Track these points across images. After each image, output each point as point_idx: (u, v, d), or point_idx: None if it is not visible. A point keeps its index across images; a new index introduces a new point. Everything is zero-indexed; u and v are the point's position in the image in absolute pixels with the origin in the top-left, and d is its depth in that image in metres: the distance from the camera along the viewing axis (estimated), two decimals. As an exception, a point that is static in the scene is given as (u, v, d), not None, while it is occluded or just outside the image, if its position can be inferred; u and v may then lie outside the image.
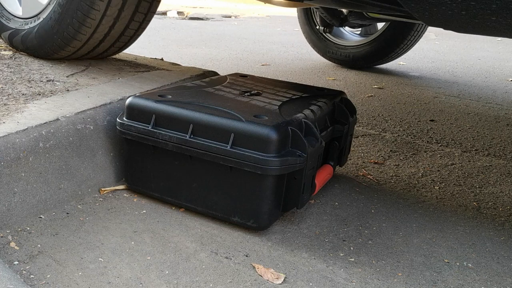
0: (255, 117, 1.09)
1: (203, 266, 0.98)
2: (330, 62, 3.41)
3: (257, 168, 1.04)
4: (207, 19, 5.66)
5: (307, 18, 3.40)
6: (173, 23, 4.15)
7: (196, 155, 1.10)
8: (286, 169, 1.05)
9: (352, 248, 1.09)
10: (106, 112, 1.28)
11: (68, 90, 1.39)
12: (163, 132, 1.13)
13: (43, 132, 1.11)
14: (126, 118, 1.19)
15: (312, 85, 1.77)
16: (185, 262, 0.98)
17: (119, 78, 1.57)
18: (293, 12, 7.80)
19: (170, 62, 1.99)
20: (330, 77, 2.99)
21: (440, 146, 1.84)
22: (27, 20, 1.73)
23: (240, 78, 1.52)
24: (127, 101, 1.19)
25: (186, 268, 0.97)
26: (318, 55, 3.48)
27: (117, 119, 1.21)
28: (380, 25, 3.25)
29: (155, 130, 1.14)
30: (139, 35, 1.82)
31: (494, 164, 1.67)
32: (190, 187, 1.15)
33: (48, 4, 1.65)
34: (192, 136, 1.10)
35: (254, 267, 0.98)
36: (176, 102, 1.16)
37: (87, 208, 1.15)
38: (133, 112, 1.17)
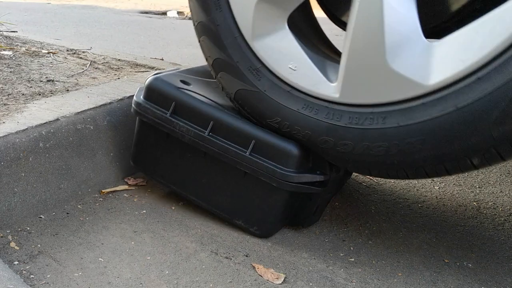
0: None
1: (203, 266, 0.98)
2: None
3: (273, 180, 1.02)
4: (207, 19, 5.63)
5: None
6: (173, 23, 4.15)
7: (212, 153, 1.07)
8: (303, 188, 1.03)
9: (352, 248, 1.09)
10: (106, 112, 1.28)
11: (68, 90, 1.39)
12: (181, 123, 1.09)
13: (43, 132, 1.11)
14: (144, 98, 1.13)
15: None
16: (185, 262, 0.99)
17: (119, 78, 1.57)
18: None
19: (170, 62, 1.99)
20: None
21: (440, 146, 1.83)
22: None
23: None
24: (148, 80, 1.13)
25: (186, 268, 0.97)
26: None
27: (134, 98, 1.15)
28: None
29: (173, 119, 1.10)
30: None
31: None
32: (198, 182, 1.13)
33: None
34: (210, 133, 1.07)
35: (254, 267, 0.99)
36: (198, 94, 1.12)
37: (87, 208, 1.15)
38: (153, 94, 1.12)
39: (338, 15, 1.29)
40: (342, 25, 1.31)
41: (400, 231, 1.18)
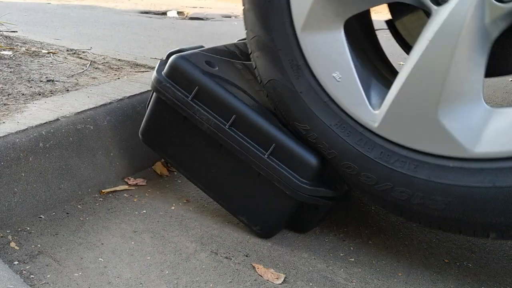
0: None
1: (203, 266, 0.98)
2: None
3: (287, 188, 1.00)
4: (207, 19, 5.66)
5: None
6: (173, 23, 4.15)
7: (229, 147, 1.04)
8: (314, 200, 1.02)
9: (352, 248, 1.09)
10: (106, 112, 1.28)
11: (68, 90, 1.39)
12: (202, 110, 1.04)
13: (43, 132, 1.11)
14: (166, 76, 1.07)
15: None
16: (185, 262, 0.99)
17: (119, 78, 1.57)
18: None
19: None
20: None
21: (440, 146, 1.83)
22: None
23: None
24: (172, 59, 1.07)
25: (186, 268, 0.97)
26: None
27: (155, 73, 1.09)
28: None
29: (194, 105, 1.04)
30: None
31: (494, 164, 1.67)
32: (208, 170, 1.11)
33: None
34: (231, 127, 1.03)
35: (254, 267, 0.99)
36: (223, 80, 1.07)
37: (87, 208, 1.15)
38: (175, 73, 1.06)
39: (395, 20, 1.20)
40: (397, 36, 1.22)
41: (400, 231, 1.18)
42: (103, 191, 1.23)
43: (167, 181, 1.33)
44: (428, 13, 0.86)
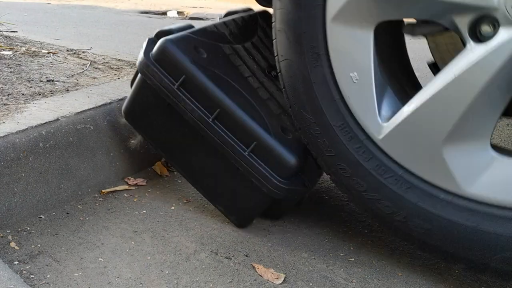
0: (282, 130, 1.05)
1: (203, 266, 0.98)
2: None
3: (264, 186, 1.03)
4: (207, 19, 5.66)
5: None
6: (173, 23, 4.16)
7: (211, 140, 1.05)
8: (291, 196, 1.06)
9: (352, 248, 1.09)
10: (106, 112, 1.28)
11: (68, 90, 1.39)
12: (187, 100, 1.03)
13: (43, 132, 1.11)
14: (153, 60, 1.05)
15: None
16: (185, 262, 0.99)
17: (119, 78, 1.57)
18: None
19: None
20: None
21: (440, 146, 1.83)
22: None
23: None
24: (161, 43, 1.04)
25: (186, 268, 0.97)
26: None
27: (142, 54, 1.07)
28: None
29: (179, 93, 1.03)
30: None
31: (494, 164, 1.67)
32: (189, 158, 1.11)
33: None
34: (215, 120, 1.03)
35: (254, 267, 0.99)
36: (211, 71, 1.05)
37: (87, 208, 1.15)
38: (164, 58, 1.04)
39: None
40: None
41: (400, 231, 1.18)
42: (103, 191, 1.23)
43: (167, 181, 1.33)
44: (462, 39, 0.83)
